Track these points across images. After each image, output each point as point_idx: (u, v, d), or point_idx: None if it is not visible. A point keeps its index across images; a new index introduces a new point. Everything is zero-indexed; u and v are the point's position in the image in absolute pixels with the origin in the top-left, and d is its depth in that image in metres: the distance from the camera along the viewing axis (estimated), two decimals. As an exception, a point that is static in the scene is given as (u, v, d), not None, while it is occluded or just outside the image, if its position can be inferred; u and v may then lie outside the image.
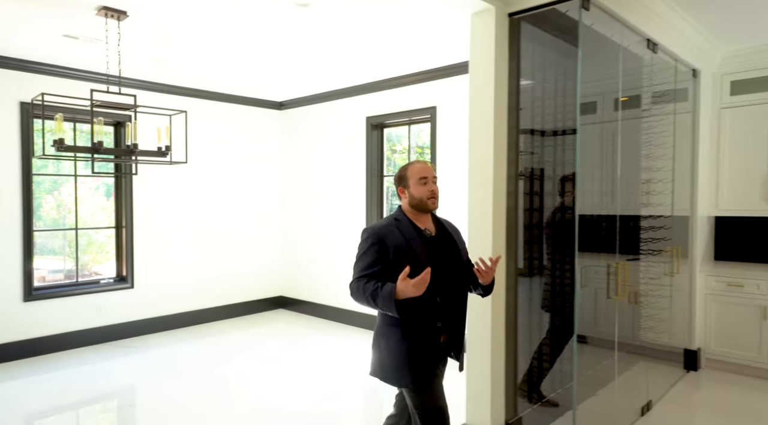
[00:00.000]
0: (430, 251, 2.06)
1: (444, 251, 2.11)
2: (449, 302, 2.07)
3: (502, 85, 2.81)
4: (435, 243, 2.10)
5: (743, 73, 4.20)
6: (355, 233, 5.74)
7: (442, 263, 2.07)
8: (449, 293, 2.07)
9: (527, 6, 2.75)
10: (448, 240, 2.15)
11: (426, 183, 2.09)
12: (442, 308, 2.04)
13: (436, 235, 2.14)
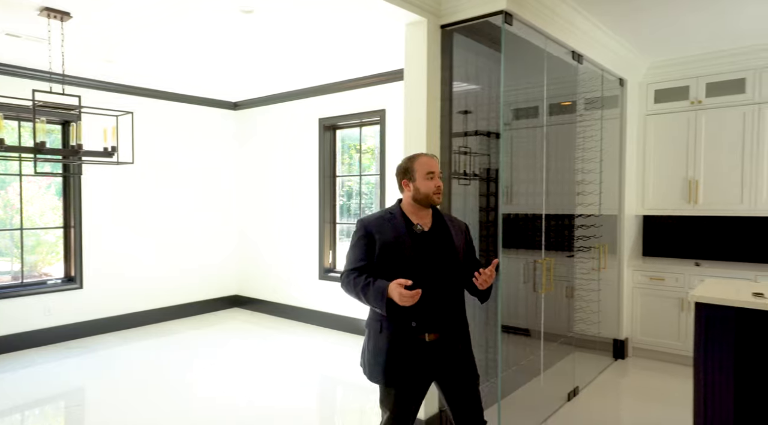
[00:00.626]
0: (418, 248, 2.01)
1: (434, 249, 2.04)
2: (434, 301, 1.99)
3: (434, 92, 2.99)
4: (425, 240, 2.04)
5: (665, 83, 4.54)
6: (308, 231, 5.85)
7: (429, 262, 2.01)
8: (435, 292, 1.98)
9: (457, 19, 2.93)
10: (442, 238, 2.07)
11: (432, 178, 2.05)
12: (423, 307, 1.95)
13: (429, 231, 2.07)
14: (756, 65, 4.08)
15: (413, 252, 2.00)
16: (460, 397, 2.07)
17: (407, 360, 1.96)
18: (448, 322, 2.02)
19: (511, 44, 3.09)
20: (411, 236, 2.02)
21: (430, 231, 2.08)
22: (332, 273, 5.73)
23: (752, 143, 4.13)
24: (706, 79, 4.33)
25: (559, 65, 3.63)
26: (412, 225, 2.05)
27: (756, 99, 4.11)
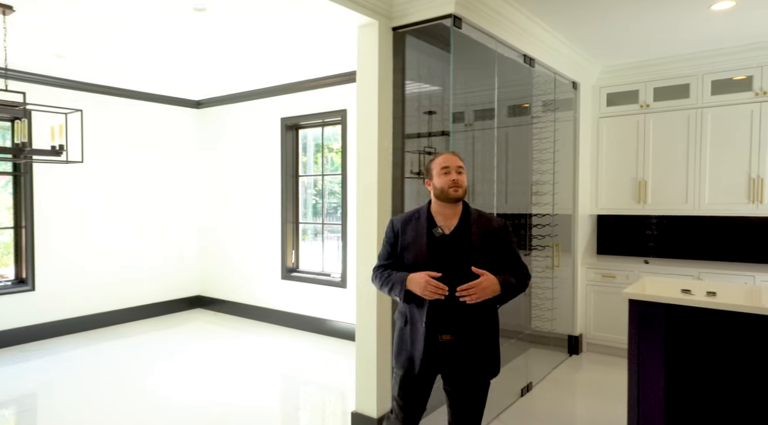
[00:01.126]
0: (433, 253, 2.02)
1: (450, 253, 2.02)
2: (447, 304, 1.97)
3: (386, 94, 3.02)
4: (442, 244, 2.03)
5: (617, 87, 4.69)
6: (271, 231, 5.82)
7: (444, 265, 1.99)
8: (448, 295, 1.94)
9: (408, 22, 2.97)
10: (461, 241, 2.03)
11: (448, 173, 2.03)
12: (436, 309, 1.99)
13: (449, 234, 2.04)
14: (698, 71, 4.26)
15: (426, 256, 2.01)
16: (458, 401, 2.09)
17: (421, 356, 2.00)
18: (463, 325, 1.99)
19: (462, 47, 3.15)
20: (429, 239, 2.04)
21: (452, 234, 2.05)
22: (295, 273, 5.72)
23: (696, 145, 4.31)
24: (653, 84, 4.49)
25: (512, 68, 3.71)
26: (433, 226, 2.06)
27: (699, 103, 4.28)
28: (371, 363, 3.06)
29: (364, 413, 3.10)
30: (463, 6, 2.84)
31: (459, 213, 2.08)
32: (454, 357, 2.01)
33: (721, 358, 2.30)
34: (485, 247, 2.03)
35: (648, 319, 2.25)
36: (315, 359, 4.70)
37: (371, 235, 3.03)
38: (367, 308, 3.07)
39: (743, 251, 4.38)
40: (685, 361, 2.35)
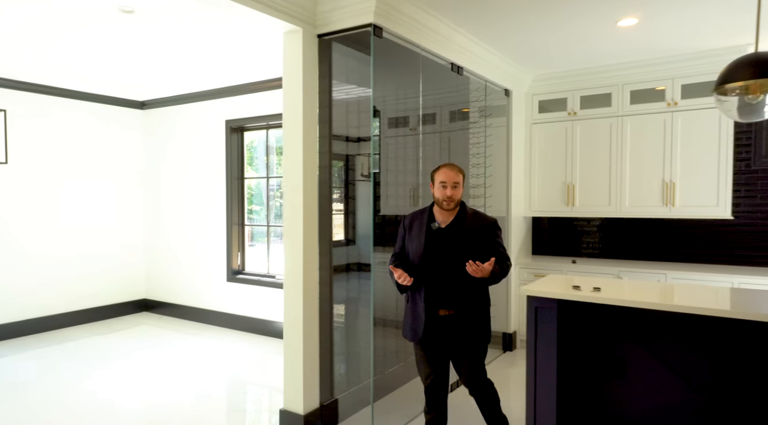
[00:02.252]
0: (430, 242, 2.50)
1: (444, 243, 2.49)
2: (442, 284, 2.46)
3: (312, 99, 3.11)
4: (437, 236, 2.51)
5: (547, 95, 4.93)
6: (216, 233, 5.82)
7: (437, 253, 2.48)
8: (443, 277, 2.45)
9: (332, 30, 3.08)
10: (453, 234, 2.49)
11: (445, 187, 2.46)
12: (433, 289, 2.47)
13: (444, 228, 2.51)
14: (619, 82, 4.53)
15: (424, 245, 2.50)
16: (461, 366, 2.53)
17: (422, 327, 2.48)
18: (458, 301, 2.46)
19: (388, 53, 3.28)
20: (427, 231, 2.51)
21: (446, 228, 2.51)
22: (241, 275, 5.73)
23: (617, 151, 4.58)
24: (580, 93, 4.74)
25: (440, 74, 3.86)
26: (432, 221, 2.53)
27: (620, 112, 4.55)
28: (298, 362, 3.14)
29: (291, 410, 3.18)
30: (382, 16, 2.97)
31: (456, 212, 2.54)
32: (454, 328, 2.46)
33: (605, 346, 2.49)
34: (474, 240, 2.47)
35: (543, 313, 2.42)
36: (258, 360, 4.74)
37: (297, 236, 3.11)
38: (294, 308, 3.15)
39: (658, 250, 4.67)
40: (573, 350, 2.54)
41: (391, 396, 3.79)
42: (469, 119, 4.60)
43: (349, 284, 3.79)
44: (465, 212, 2.55)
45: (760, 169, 4.26)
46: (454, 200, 2.47)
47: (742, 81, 2.13)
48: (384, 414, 3.45)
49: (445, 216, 2.53)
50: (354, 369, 3.66)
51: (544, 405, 2.44)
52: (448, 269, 2.45)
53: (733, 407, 2.23)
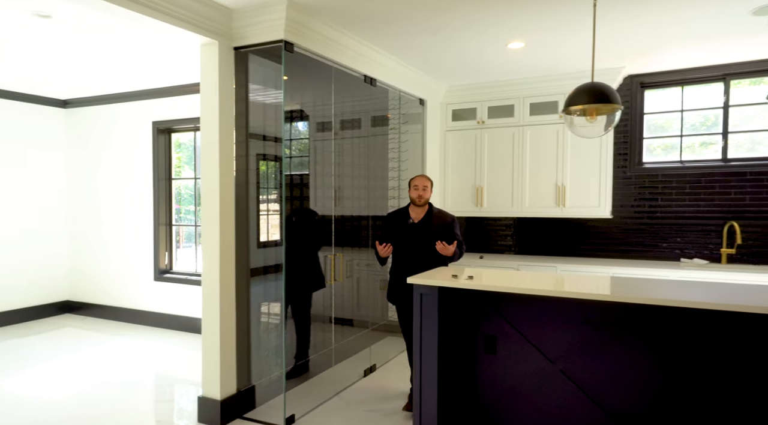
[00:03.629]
0: (406, 233, 3.44)
1: (417, 233, 3.43)
2: (416, 262, 3.37)
3: (228, 107, 3.34)
4: (413, 228, 3.44)
5: (459, 104, 5.38)
6: (143, 233, 5.87)
7: (412, 240, 3.42)
8: (414, 257, 3.40)
9: (247, 43, 3.32)
10: (424, 227, 3.43)
11: (416, 189, 3.43)
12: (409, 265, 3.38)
13: (418, 223, 3.44)
14: (520, 95, 5.04)
15: (403, 234, 3.45)
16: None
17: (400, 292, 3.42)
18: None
19: (303, 65, 3.57)
20: (404, 225, 3.46)
21: (419, 223, 3.45)
22: (168, 274, 5.82)
23: (518, 157, 5.09)
24: (488, 104, 5.22)
25: (354, 85, 4.18)
26: (408, 218, 3.47)
27: (521, 122, 5.07)
28: (215, 352, 3.37)
29: (209, 396, 3.39)
30: (293, 32, 3.25)
31: (426, 210, 3.47)
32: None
33: (480, 326, 2.91)
34: (439, 231, 3.41)
35: (427, 299, 2.79)
36: (184, 355, 4.88)
37: (214, 236, 3.33)
38: (211, 303, 3.37)
39: (555, 246, 5.24)
40: (454, 330, 2.94)
41: (308, 383, 4.08)
42: (389, 125, 4.97)
43: (277, 281, 4.01)
44: (431, 211, 3.50)
45: (633, 175, 4.90)
46: (424, 198, 3.43)
47: (581, 105, 2.59)
48: (299, 398, 3.73)
49: (417, 213, 3.47)
50: (272, 358, 3.92)
51: (429, 380, 2.82)
52: (420, 251, 3.40)
53: (581, 372, 2.69)
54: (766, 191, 4.42)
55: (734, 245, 4.50)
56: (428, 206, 3.49)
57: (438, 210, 3.53)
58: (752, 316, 2.31)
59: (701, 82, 4.69)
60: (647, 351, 2.56)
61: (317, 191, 4.19)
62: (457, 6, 3.19)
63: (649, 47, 4.02)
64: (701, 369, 2.46)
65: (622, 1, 3.13)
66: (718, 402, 2.44)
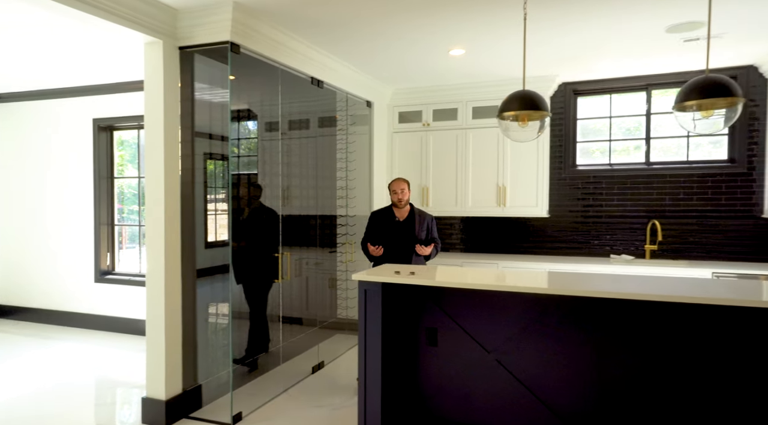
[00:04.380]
0: (391, 230, 3.87)
1: (401, 231, 3.87)
2: (399, 256, 3.82)
3: (173, 106, 3.34)
4: (397, 226, 3.88)
5: (406, 107, 5.54)
6: (83, 234, 5.68)
7: (396, 237, 3.85)
8: (398, 251, 3.83)
9: (192, 43, 3.33)
10: (407, 225, 3.87)
11: (396, 193, 3.86)
12: (393, 259, 3.81)
13: (403, 221, 3.88)
14: (464, 99, 5.26)
15: (389, 232, 3.87)
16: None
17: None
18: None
19: (250, 66, 3.60)
20: (390, 223, 3.89)
21: (403, 221, 3.90)
22: (110, 275, 5.66)
23: (462, 158, 5.31)
24: (433, 107, 5.41)
25: (301, 86, 4.24)
26: (393, 217, 3.89)
27: (464, 125, 5.29)
28: (160, 352, 3.35)
29: (153, 397, 3.37)
30: (240, 35, 3.29)
31: (408, 210, 3.93)
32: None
33: (422, 320, 3.06)
34: (422, 229, 3.88)
35: (371, 295, 2.91)
36: (128, 358, 4.77)
37: (159, 236, 3.31)
38: (156, 303, 3.35)
39: (495, 244, 5.50)
40: (398, 324, 3.08)
41: (256, 380, 4.11)
42: (337, 126, 5.06)
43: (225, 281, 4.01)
44: (413, 211, 3.95)
45: (567, 177, 5.22)
46: (404, 200, 3.86)
47: (513, 111, 2.79)
48: (247, 396, 3.76)
49: (400, 213, 3.92)
50: (220, 357, 3.92)
51: (373, 371, 2.94)
52: (406, 247, 3.86)
53: (516, 361, 2.89)
54: (682, 192, 4.84)
55: (656, 242, 4.89)
56: (410, 207, 3.96)
57: (419, 210, 3.98)
58: (672, 305, 2.58)
59: (627, 91, 5.07)
60: (578, 340, 2.78)
61: (266, 190, 4.22)
62: (401, 13, 3.33)
63: (578, 58, 4.31)
64: (628, 356, 2.71)
65: (551, 18, 3.37)
66: (646, 386, 2.69)
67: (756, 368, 2.48)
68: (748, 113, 4.61)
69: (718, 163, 4.78)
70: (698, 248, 4.80)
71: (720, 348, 2.53)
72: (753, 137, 4.61)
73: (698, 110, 2.42)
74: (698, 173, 4.79)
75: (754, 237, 4.62)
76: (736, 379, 2.51)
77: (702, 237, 4.78)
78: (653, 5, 3.18)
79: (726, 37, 3.73)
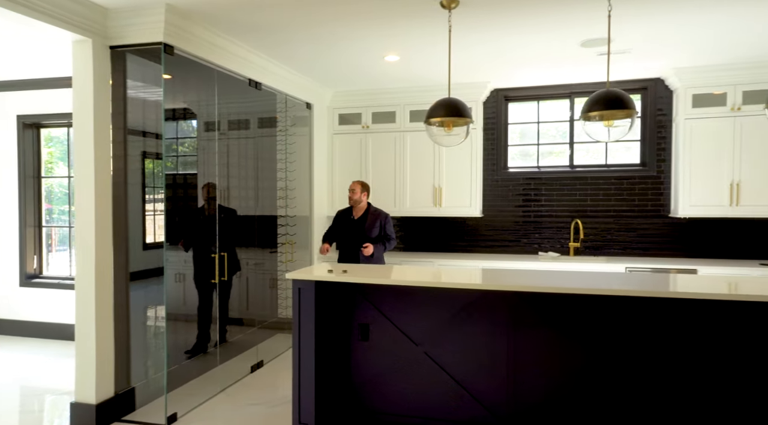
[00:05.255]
0: (348, 227, 4.35)
1: (356, 228, 4.30)
2: (353, 250, 4.26)
3: (103, 105, 3.29)
4: (353, 223, 4.34)
5: (346, 109, 5.66)
6: (9, 236, 5.41)
7: (352, 233, 4.30)
8: (351, 247, 4.28)
9: (124, 43, 3.29)
10: (362, 222, 4.30)
11: (350, 194, 4.34)
12: (350, 253, 4.29)
13: (357, 219, 4.32)
14: (401, 102, 5.43)
15: (346, 229, 4.36)
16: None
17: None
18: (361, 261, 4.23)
19: (185, 66, 3.60)
20: (347, 221, 4.38)
21: (358, 219, 4.34)
22: (38, 279, 5.43)
23: (400, 160, 5.49)
24: (372, 109, 5.55)
25: (238, 87, 4.26)
26: (350, 216, 4.37)
27: (402, 128, 5.46)
28: (90, 356, 3.29)
29: (83, 401, 3.31)
30: (173, 36, 3.29)
31: (364, 208, 4.36)
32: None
33: (354, 316, 3.19)
34: (373, 226, 4.29)
35: (304, 293, 3.01)
36: (56, 364, 4.61)
37: (89, 237, 3.26)
38: (86, 306, 3.28)
39: (433, 243, 5.71)
40: (332, 321, 3.20)
41: (194, 381, 4.09)
42: (277, 127, 5.10)
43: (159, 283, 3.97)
44: (369, 210, 4.37)
45: (500, 178, 5.52)
46: (353, 199, 4.33)
47: (439, 117, 2.97)
48: (184, 396, 3.75)
49: (358, 212, 4.37)
50: (155, 359, 3.89)
51: (307, 368, 3.03)
52: (359, 242, 4.24)
53: (443, 353, 3.07)
54: (601, 193, 5.23)
55: (579, 240, 5.26)
56: (367, 206, 4.39)
57: (374, 209, 4.40)
58: (577, 297, 2.83)
59: (553, 98, 5.42)
60: (496, 331, 3.00)
61: (203, 190, 4.21)
62: (335, 20, 3.44)
63: (505, 66, 4.58)
64: (540, 346, 2.94)
65: (476, 30, 3.58)
66: (557, 372, 2.93)
67: (660, 353, 2.78)
68: (656, 121, 5.06)
69: (631, 166, 5.21)
70: (615, 244, 5.21)
71: (623, 335, 2.82)
72: (660, 143, 5.06)
73: (600, 120, 2.68)
74: (615, 175, 5.20)
75: (663, 235, 5.07)
76: (639, 363, 2.80)
77: (618, 235, 5.20)
78: (565, 23, 3.46)
79: (633, 52, 4.09)
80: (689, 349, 2.72)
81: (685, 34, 3.69)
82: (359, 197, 4.31)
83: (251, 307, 5.15)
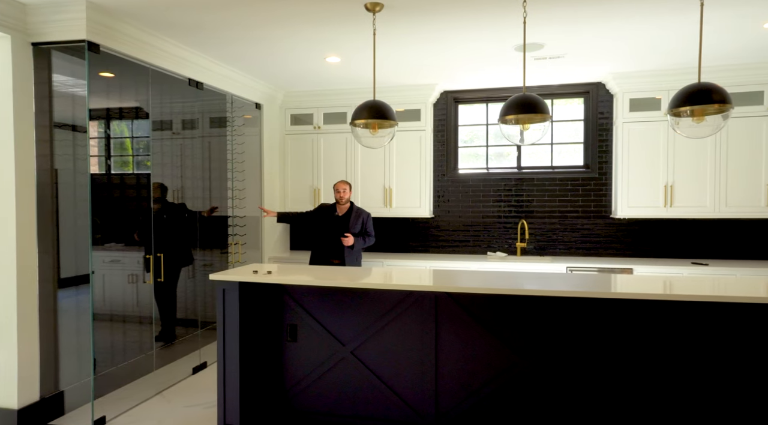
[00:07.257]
0: (332, 223, 4.52)
1: (339, 224, 4.50)
2: (336, 247, 4.47)
3: (25, 103, 3.22)
4: (337, 220, 4.53)
5: (297, 110, 5.64)
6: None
7: (336, 229, 4.47)
8: (334, 241, 4.47)
9: (47, 40, 3.23)
10: (345, 220, 4.51)
11: (338, 192, 4.49)
12: (330, 249, 4.51)
13: (341, 216, 4.52)
14: (350, 103, 5.43)
15: (329, 224, 4.54)
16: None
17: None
18: (342, 256, 4.48)
19: (116, 65, 3.54)
20: (331, 217, 4.55)
21: (342, 216, 4.54)
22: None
23: (351, 160, 5.49)
24: (323, 110, 5.55)
25: (180, 88, 4.22)
26: (334, 212, 4.55)
27: (352, 128, 5.47)
28: (12, 360, 3.21)
29: (3, 407, 3.23)
30: (98, 34, 3.23)
31: (348, 207, 4.56)
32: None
33: (282, 317, 3.19)
34: (356, 224, 4.51)
35: (229, 294, 3.00)
36: (-12, 368, 4.49)
37: (9, 240, 3.18)
38: (7, 311, 3.21)
39: (385, 243, 5.73)
40: (259, 322, 3.19)
41: (130, 385, 4.03)
42: (227, 127, 5.06)
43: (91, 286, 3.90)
44: (352, 208, 4.58)
45: (450, 179, 5.57)
46: (344, 198, 4.50)
47: (364, 119, 2.98)
48: (117, 400, 3.70)
49: (341, 210, 4.55)
50: (86, 362, 3.82)
51: (232, 369, 3.02)
52: (337, 238, 4.44)
53: (369, 353, 3.08)
54: (546, 194, 5.32)
55: (525, 240, 5.34)
56: (350, 204, 4.58)
57: (357, 208, 4.60)
58: (515, 298, 2.87)
59: (501, 100, 5.48)
60: (420, 331, 3.02)
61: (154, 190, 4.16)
62: (272, 21, 3.43)
63: (447, 68, 4.61)
64: (474, 347, 2.98)
65: (408, 32, 3.61)
66: (486, 374, 2.97)
67: (583, 352, 2.84)
68: (599, 124, 5.16)
69: (575, 168, 5.31)
70: (560, 244, 5.30)
71: (546, 334, 2.87)
72: (602, 146, 5.17)
73: (517, 123, 2.73)
74: (560, 177, 5.29)
75: (605, 235, 5.18)
76: (562, 362, 2.86)
77: (563, 235, 5.29)
78: (493, 27, 3.50)
79: (567, 58, 4.17)
80: (614, 348, 2.78)
81: (617, 42, 3.78)
82: (350, 196, 4.59)
83: (198, 308, 5.10)
